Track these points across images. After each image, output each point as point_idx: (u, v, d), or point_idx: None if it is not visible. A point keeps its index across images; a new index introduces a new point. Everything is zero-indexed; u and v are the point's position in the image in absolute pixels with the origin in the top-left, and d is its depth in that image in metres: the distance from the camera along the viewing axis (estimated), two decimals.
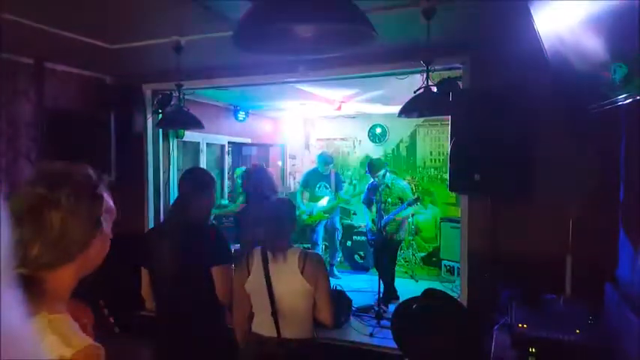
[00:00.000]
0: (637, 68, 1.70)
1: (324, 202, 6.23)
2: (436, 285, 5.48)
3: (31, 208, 0.97)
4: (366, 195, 5.67)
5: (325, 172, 6.29)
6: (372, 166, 5.36)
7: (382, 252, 5.28)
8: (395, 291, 5.35)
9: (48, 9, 2.87)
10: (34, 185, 1.00)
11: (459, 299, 3.66)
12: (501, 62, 3.42)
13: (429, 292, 1.68)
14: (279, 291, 2.29)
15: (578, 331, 2.50)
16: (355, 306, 4.76)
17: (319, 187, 6.27)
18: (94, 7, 2.86)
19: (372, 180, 5.51)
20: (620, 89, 1.98)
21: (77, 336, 0.96)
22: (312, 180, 6.35)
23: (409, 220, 6.05)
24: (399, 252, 5.85)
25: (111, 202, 1.11)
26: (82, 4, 2.80)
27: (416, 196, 5.44)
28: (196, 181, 2.60)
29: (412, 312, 1.62)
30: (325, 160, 6.28)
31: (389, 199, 5.33)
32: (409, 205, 5.26)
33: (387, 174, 5.35)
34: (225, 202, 6.97)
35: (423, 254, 7.19)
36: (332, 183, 6.28)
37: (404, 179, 6.24)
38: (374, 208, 5.29)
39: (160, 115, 4.72)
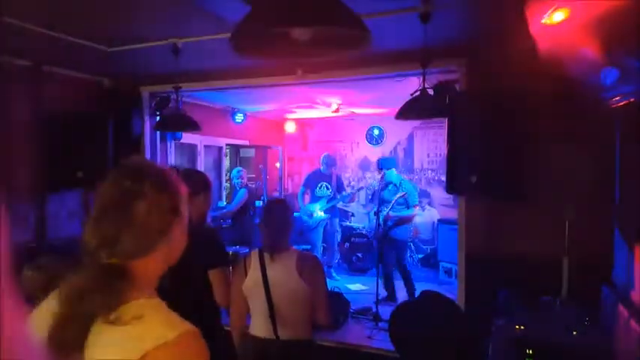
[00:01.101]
0: (628, 72, 1.71)
1: (323, 202, 6.25)
2: (434, 287, 5.49)
3: (118, 201, 1.02)
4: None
5: (327, 173, 6.33)
6: (378, 164, 5.53)
7: (388, 252, 5.37)
8: (394, 293, 5.39)
9: (46, 12, 2.87)
10: (118, 179, 1.04)
11: (456, 301, 3.67)
12: (498, 65, 3.44)
13: (425, 295, 1.69)
14: (276, 292, 2.29)
15: (574, 332, 2.51)
16: (353, 308, 4.76)
17: (320, 187, 6.31)
18: (92, 10, 2.86)
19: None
20: (612, 91, 2.00)
21: (179, 319, 0.97)
22: (313, 180, 6.40)
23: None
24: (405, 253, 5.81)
25: (186, 194, 1.15)
26: (80, 6, 2.81)
27: (402, 192, 5.42)
28: (191, 183, 2.59)
29: (409, 314, 1.62)
30: (327, 161, 6.33)
31: (392, 197, 5.39)
32: (398, 199, 5.31)
33: (388, 173, 5.38)
34: (222, 203, 6.98)
35: (420, 256, 7.20)
36: (333, 184, 6.30)
37: None
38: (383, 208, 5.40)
39: (158, 118, 4.72)
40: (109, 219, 1.00)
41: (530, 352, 2.49)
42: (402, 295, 5.42)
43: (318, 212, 6.24)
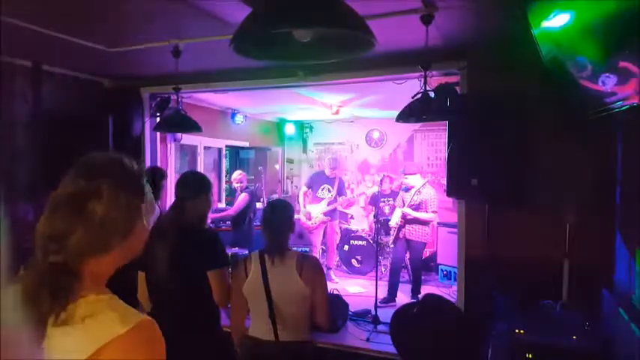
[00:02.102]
0: (629, 76, 1.71)
1: (323, 204, 6.25)
2: (433, 290, 5.50)
3: (71, 198, 0.98)
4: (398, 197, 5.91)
5: (331, 176, 6.35)
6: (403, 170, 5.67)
7: (400, 252, 5.56)
8: (395, 294, 5.40)
9: (46, 12, 2.87)
10: (75, 176, 1.01)
11: (456, 304, 3.67)
12: (499, 68, 3.44)
13: (427, 298, 1.68)
14: (277, 294, 2.29)
15: (574, 336, 2.51)
16: (352, 310, 4.75)
17: (322, 189, 6.33)
18: (92, 10, 2.86)
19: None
20: (613, 95, 2.00)
21: (131, 312, 0.96)
22: (316, 181, 6.42)
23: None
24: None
25: (151, 194, 1.12)
26: (80, 7, 2.80)
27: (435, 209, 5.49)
28: (192, 185, 2.59)
29: (411, 317, 1.62)
30: (333, 165, 6.36)
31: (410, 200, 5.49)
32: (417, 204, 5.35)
33: (412, 177, 5.50)
34: (222, 205, 6.97)
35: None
36: (335, 186, 6.32)
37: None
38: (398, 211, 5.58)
39: (158, 119, 4.72)
40: (62, 217, 0.97)
41: (530, 356, 2.48)
42: (401, 298, 5.42)
43: (319, 214, 6.24)
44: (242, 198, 6.04)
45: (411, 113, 3.00)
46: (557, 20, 2.08)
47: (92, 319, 0.91)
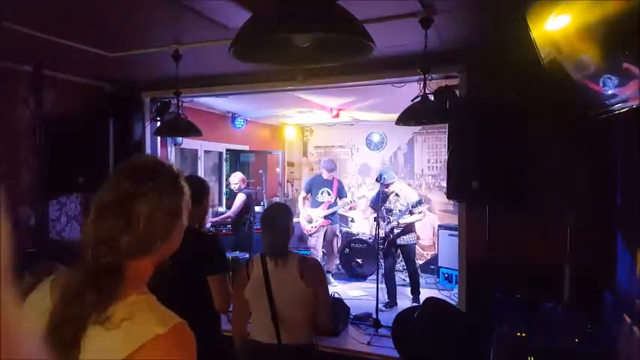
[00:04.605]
0: (629, 78, 1.71)
1: (324, 207, 6.24)
2: (434, 293, 5.48)
3: (118, 201, 1.02)
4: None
5: (328, 179, 6.34)
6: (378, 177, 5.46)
7: (393, 258, 5.55)
8: (394, 298, 5.40)
9: (47, 17, 2.88)
10: (122, 179, 1.05)
11: (457, 307, 3.66)
12: (498, 70, 3.45)
13: (429, 301, 1.68)
14: (278, 296, 2.28)
15: (577, 339, 2.50)
16: (353, 314, 4.74)
17: (322, 193, 6.31)
18: (93, 15, 2.88)
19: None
20: (613, 97, 2.00)
21: (168, 313, 1.00)
22: (314, 185, 6.39)
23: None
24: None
25: (188, 196, 1.16)
26: (81, 12, 2.82)
27: (418, 198, 5.49)
28: (194, 190, 2.59)
29: (414, 320, 1.62)
30: (328, 167, 6.33)
31: (393, 206, 5.47)
32: (412, 209, 5.33)
33: (391, 184, 5.44)
34: (222, 209, 6.96)
35: (421, 262, 7.17)
36: (334, 189, 6.31)
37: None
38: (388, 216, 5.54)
39: (159, 123, 4.73)
40: (110, 220, 1.01)
41: (532, 359, 2.47)
42: (403, 301, 5.42)
43: (319, 218, 6.23)
44: (239, 199, 6.04)
45: (411, 116, 3.00)
46: (556, 23, 2.09)
47: (132, 319, 0.94)
